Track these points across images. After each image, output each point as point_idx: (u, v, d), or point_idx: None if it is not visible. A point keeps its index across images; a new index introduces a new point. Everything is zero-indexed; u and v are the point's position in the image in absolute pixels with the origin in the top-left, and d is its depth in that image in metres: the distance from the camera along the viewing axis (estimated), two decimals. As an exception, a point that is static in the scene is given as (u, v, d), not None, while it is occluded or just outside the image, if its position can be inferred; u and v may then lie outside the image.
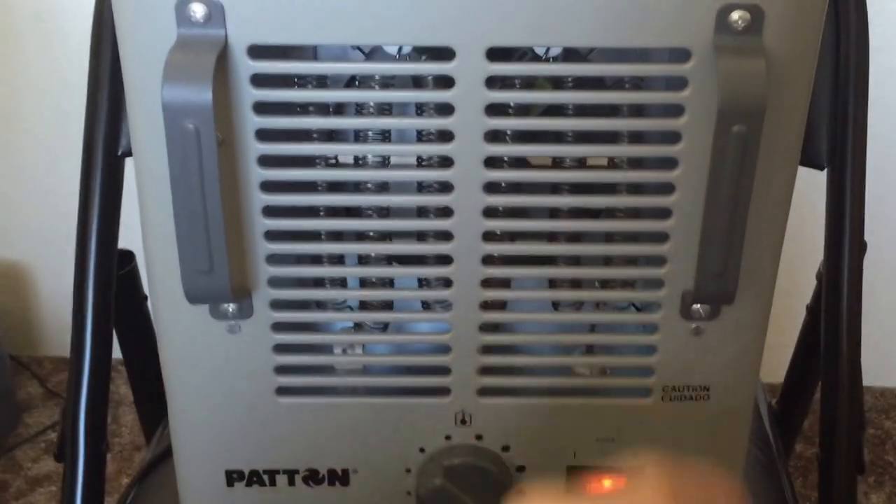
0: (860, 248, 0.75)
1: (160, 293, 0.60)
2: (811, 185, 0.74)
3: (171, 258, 0.57)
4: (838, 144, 0.74)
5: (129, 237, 0.80)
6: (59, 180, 1.60)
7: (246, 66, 0.53)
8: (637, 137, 0.57)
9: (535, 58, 0.57)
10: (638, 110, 0.57)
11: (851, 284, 0.74)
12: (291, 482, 0.66)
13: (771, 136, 0.53)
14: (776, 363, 0.66)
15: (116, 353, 0.83)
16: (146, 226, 0.58)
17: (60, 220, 1.63)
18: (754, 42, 0.52)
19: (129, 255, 0.91)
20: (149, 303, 0.96)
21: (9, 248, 1.70)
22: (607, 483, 0.64)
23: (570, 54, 0.57)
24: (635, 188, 0.58)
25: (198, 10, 0.52)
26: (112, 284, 0.80)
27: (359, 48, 0.58)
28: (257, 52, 0.53)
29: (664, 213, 0.56)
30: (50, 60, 1.51)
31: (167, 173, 0.53)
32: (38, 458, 1.53)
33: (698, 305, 0.59)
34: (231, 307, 0.59)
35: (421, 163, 0.59)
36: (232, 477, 0.66)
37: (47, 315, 1.77)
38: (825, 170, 0.76)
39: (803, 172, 0.61)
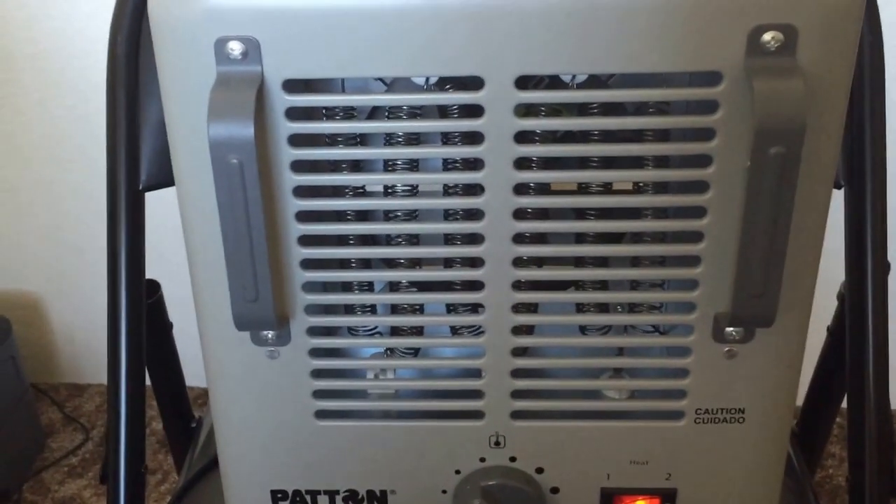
0: (884, 268, 0.74)
1: (207, 322, 0.62)
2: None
3: (217, 289, 0.59)
4: (855, 161, 0.73)
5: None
6: (67, 214, 1.62)
7: (281, 101, 0.54)
8: (664, 161, 0.58)
9: (560, 83, 0.57)
10: (664, 134, 0.58)
11: (876, 306, 0.73)
12: (332, 502, 0.67)
13: (807, 156, 0.53)
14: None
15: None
16: (193, 259, 0.60)
17: (68, 253, 1.66)
18: (789, 62, 0.52)
19: (155, 285, 0.92)
20: (174, 331, 0.98)
21: (23, 281, 1.72)
22: None
23: (595, 79, 0.57)
24: (663, 211, 0.59)
25: (235, 48, 0.53)
26: (143, 314, 0.81)
27: (380, 79, 0.59)
28: (292, 86, 0.54)
29: (696, 237, 0.57)
30: (48, 102, 1.54)
31: (211, 206, 0.55)
32: (64, 480, 1.57)
33: (731, 328, 0.59)
34: (271, 334, 0.61)
35: (447, 191, 0.60)
36: (277, 496, 0.67)
37: (60, 344, 1.79)
38: (842, 188, 0.75)
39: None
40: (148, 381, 0.92)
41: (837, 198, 0.74)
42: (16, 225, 1.66)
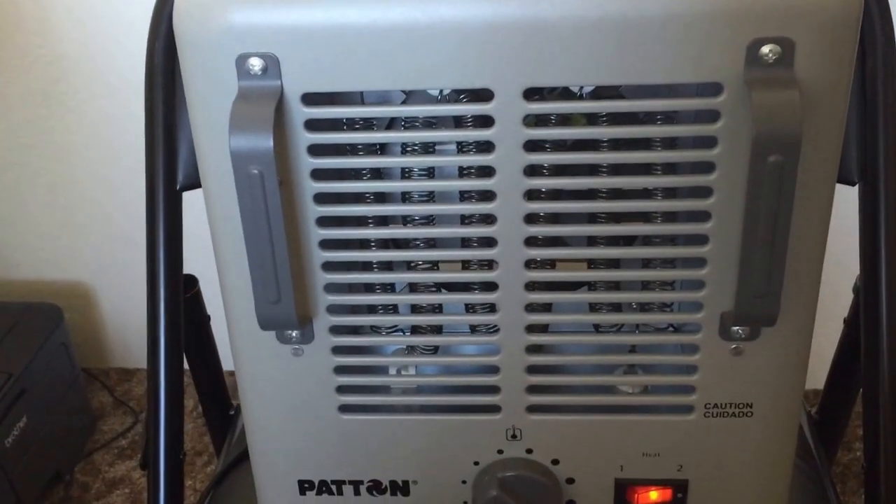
0: None
1: (234, 320, 0.65)
2: (840, 198, 0.74)
3: (243, 289, 0.62)
4: (869, 159, 0.74)
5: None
6: (117, 208, 1.67)
7: (300, 113, 0.57)
8: (671, 167, 0.60)
9: (569, 93, 0.59)
10: (671, 142, 0.60)
11: (890, 298, 0.74)
12: (357, 492, 0.70)
13: (808, 160, 0.55)
14: (811, 369, 0.68)
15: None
16: (221, 261, 0.63)
17: (119, 243, 1.71)
18: (786, 73, 0.53)
19: (193, 280, 0.95)
20: (211, 323, 1.01)
21: (76, 270, 1.77)
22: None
23: (603, 89, 0.59)
24: (671, 216, 0.61)
25: (256, 64, 0.56)
26: (180, 308, 0.84)
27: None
28: (310, 99, 0.57)
29: (701, 240, 0.59)
30: (98, 100, 1.58)
31: (236, 211, 0.58)
32: (114, 462, 1.62)
33: (737, 327, 0.61)
34: (294, 333, 0.64)
35: (463, 196, 0.62)
36: (304, 486, 0.71)
37: (111, 330, 1.84)
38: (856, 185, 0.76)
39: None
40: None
41: (853, 194, 0.76)
42: (68, 218, 1.71)
